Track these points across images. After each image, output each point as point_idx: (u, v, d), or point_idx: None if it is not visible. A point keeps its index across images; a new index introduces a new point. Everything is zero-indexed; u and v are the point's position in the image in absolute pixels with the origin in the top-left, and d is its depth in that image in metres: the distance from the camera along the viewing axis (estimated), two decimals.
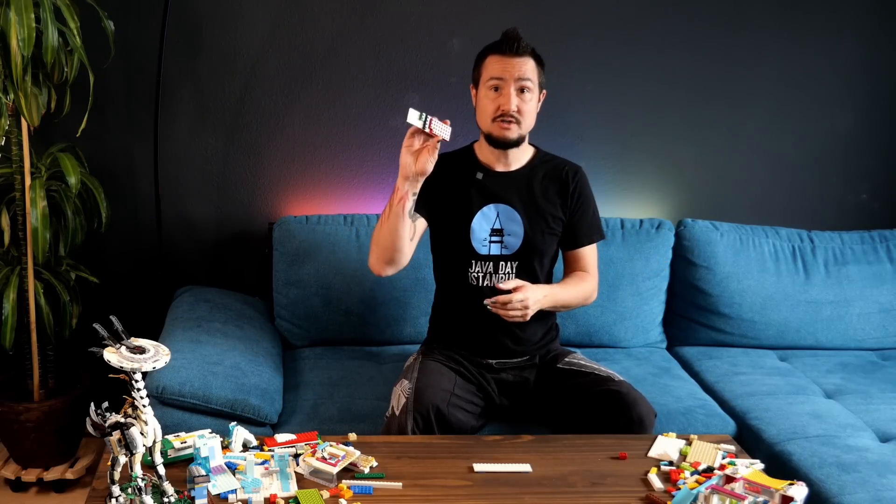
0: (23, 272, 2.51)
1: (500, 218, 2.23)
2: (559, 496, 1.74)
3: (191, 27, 2.71)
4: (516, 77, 2.12)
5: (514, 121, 2.15)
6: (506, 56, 2.13)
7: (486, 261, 2.23)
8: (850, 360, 2.80)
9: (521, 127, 2.17)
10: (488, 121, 2.17)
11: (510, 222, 2.22)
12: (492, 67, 2.15)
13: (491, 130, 2.18)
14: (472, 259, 2.23)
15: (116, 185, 2.76)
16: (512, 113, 2.13)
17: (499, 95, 2.14)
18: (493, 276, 2.23)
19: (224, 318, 2.53)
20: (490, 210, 2.22)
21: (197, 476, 1.61)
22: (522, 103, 2.14)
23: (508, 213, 2.22)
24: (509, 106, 2.12)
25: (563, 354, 2.29)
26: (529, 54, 2.15)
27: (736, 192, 3.06)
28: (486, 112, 2.17)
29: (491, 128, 2.18)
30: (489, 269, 2.23)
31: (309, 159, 2.86)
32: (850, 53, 2.98)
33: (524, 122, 2.17)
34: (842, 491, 2.00)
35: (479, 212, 2.22)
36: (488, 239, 2.22)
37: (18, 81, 2.26)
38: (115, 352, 1.48)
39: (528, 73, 2.14)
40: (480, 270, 2.23)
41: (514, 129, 2.16)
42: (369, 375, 2.48)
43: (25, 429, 2.57)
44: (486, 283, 2.23)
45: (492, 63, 2.15)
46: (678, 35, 2.88)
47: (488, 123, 2.18)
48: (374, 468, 1.78)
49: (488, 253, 2.23)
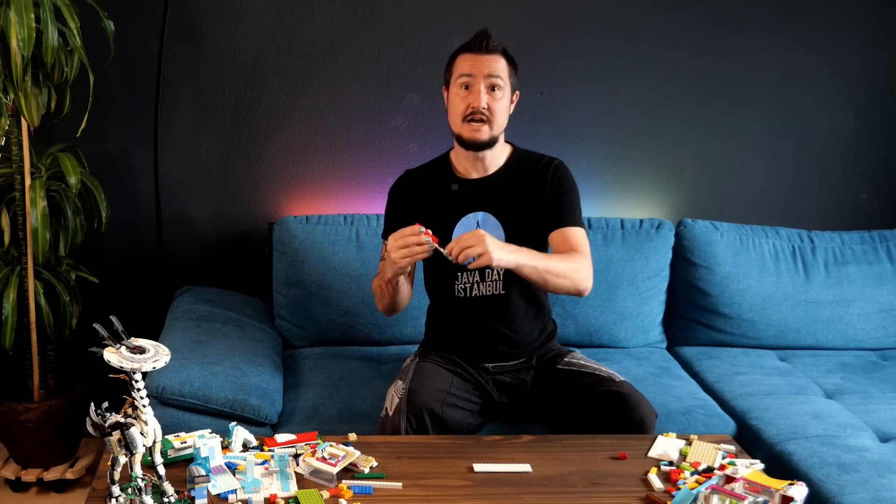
0: (23, 272, 2.51)
1: (481, 226, 2.18)
2: (559, 496, 1.74)
3: (191, 27, 2.71)
4: (486, 74, 2.10)
5: (485, 120, 2.11)
6: (476, 53, 2.11)
7: (471, 272, 2.19)
8: (850, 360, 2.79)
9: (492, 128, 2.13)
10: (459, 121, 2.14)
11: (491, 229, 2.17)
12: (462, 65, 2.13)
13: (461, 132, 2.15)
14: (458, 271, 2.19)
15: (116, 185, 2.76)
16: (482, 110, 2.10)
17: (469, 93, 2.11)
18: (479, 285, 2.20)
19: (224, 318, 2.53)
20: (469, 220, 2.19)
21: (197, 476, 1.61)
22: (493, 101, 2.11)
23: (488, 219, 2.19)
24: (479, 103, 2.09)
25: (562, 354, 2.28)
26: (500, 53, 2.13)
27: (736, 192, 3.06)
28: (456, 111, 2.14)
29: (462, 129, 2.14)
30: (475, 278, 2.20)
31: (309, 159, 2.86)
32: (850, 53, 2.98)
33: (495, 122, 2.13)
34: (842, 491, 2.00)
35: (458, 223, 2.19)
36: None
37: (18, 81, 2.26)
38: (115, 352, 1.48)
39: (499, 70, 2.11)
40: (468, 281, 2.20)
41: (485, 131, 2.12)
42: (369, 375, 2.48)
43: (25, 429, 2.57)
44: (474, 293, 2.20)
45: (462, 61, 2.13)
46: (678, 35, 2.88)
47: (459, 124, 2.14)
48: (374, 468, 1.78)
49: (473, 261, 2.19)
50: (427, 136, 2.87)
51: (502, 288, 2.19)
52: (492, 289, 2.20)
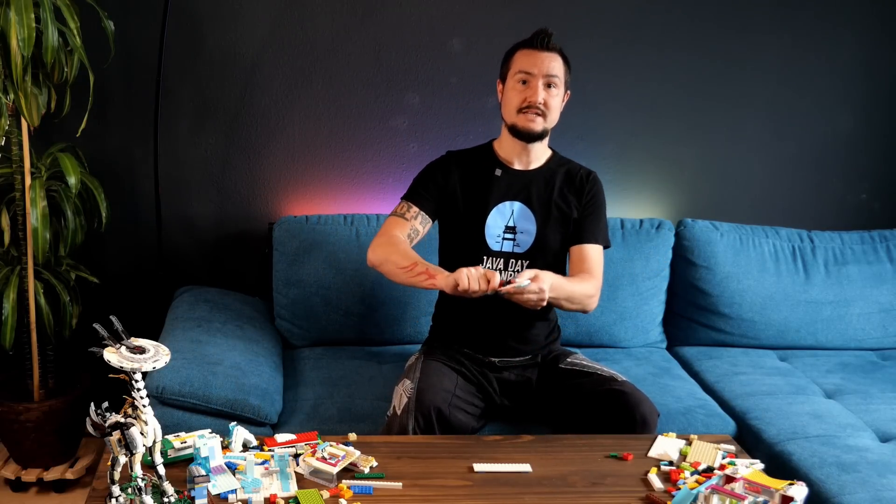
0: (23, 272, 2.51)
1: (515, 215, 2.23)
2: (559, 496, 1.74)
3: (191, 27, 2.71)
4: (545, 72, 2.15)
5: (540, 113, 2.16)
6: (535, 50, 2.16)
7: (497, 257, 2.23)
8: (850, 360, 2.80)
9: (546, 120, 2.18)
10: (514, 112, 2.18)
11: (524, 220, 2.23)
12: (521, 61, 2.17)
13: (516, 121, 2.19)
14: (484, 255, 2.24)
15: (116, 185, 2.76)
16: (538, 105, 2.15)
17: (526, 88, 2.16)
18: (502, 273, 2.23)
19: (224, 318, 2.53)
20: (505, 207, 2.23)
21: (197, 476, 1.61)
22: (549, 97, 2.16)
23: (523, 211, 2.23)
24: (536, 97, 2.14)
25: (564, 355, 2.29)
26: (558, 52, 2.18)
27: (736, 192, 3.06)
28: (512, 104, 2.18)
29: (516, 119, 2.18)
30: (499, 265, 2.24)
31: (309, 159, 2.86)
32: (850, 53, 2.98)
33: (549, 116, 2.19)
34: (842, 491, 2.00)
35: (494, 208, 2.23)
36: (502, 236, 2.22)
37: (18, 81, 2.26)
38: (115, 352, 1.48)
39: (556, 69, 2.16)
40: (491, 267, 2.23)
41: (540, 122, 2.17)
42: (369, 375, 2.48)
43: (25, 429, 2.57)
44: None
45: (521, 57, 2.18)
46: (678, 35, 2.88)
47: (513, 115, 2.19)
48: (374, 468, 1.78)
49: (500, 249, 2.23)
50: (427, 137, 2.87)
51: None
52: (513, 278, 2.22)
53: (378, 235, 2.24)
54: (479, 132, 2.85)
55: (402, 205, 2.26)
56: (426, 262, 2.11)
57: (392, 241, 2.18)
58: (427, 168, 2.31)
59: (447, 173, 2.26)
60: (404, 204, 2.26)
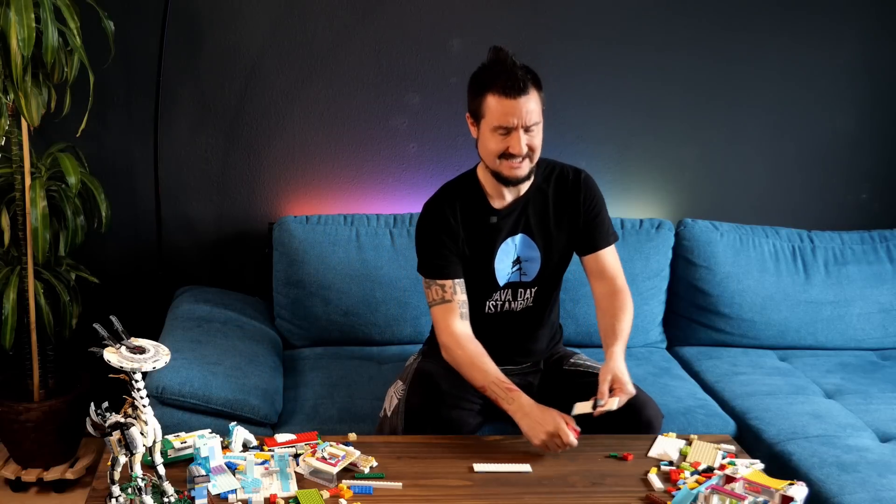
0: (23, 272, 2.51)
1: (518, 248, 2.15)
2: (559, 496, 1.74)
3: (191, 27, 2.70)
4: (525, 122, 1.95)
5: (526, 157, 2.00)
6: (510, 99, 1.94)
7: (505, 289, 2.17)
8: (850, 360, 2.79)
9: (532, 161, 2.03)
10: (494, 159, 2.01)
11: (527, 249, 2.16)
12: (496, 113, 1.95)
13: (500, 170, 2.02)
14: (494, 291, 2.16)
15: (116, 185, 2.76)
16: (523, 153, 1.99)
17: (507, 138, 1.97)
18: (511, 304, 2.17)
19: (224, 317, 2.53)
20: (508, 245, 2.15)
21: (197, 476, 1.61)
22: (532, 139, 1.98)
23: (525, 241, 2.15)
24: (520, 149, 1.97)
25: (567, 356, 2.29)
26: (532, 85, 1.96)
27: (736, 192, 3.06)
28: (492, 151, 2.00)
29: (500, 167, 2.01)
30: (507, 297, 2.17)
31: (309, 159, 2.86)
32: (850, 53, 2.98)
33: (535, 156, 2.02)
34: (842, 491, 2.00)
35: (498, 249, 2.14)
36: (509, 271, 2.16)
37: (18, 81, 2.26)
38: (115, 352, 1.48)
39: (534, 111, 1.96)
40: (499, 299, 2.17)
41: (525, 166, 2.01)
42: (369, 375, 2.48)
43: (25, 429, 2.57)
44: (503, 308, 2.18)
45: (495, 107, 1.95)
46: (678, 35, 2.88)
47: (496, 162, 2.01)
48: (374, 468, 1.78)
49: (507, 281, 2.16)
50: (427, 137, 2.86)
51: (531, 301, 2.18)
52: (521, 305, 2.18)
53: (441, 333, 2.08)
54: None
55: (434, 289, 2.09)
56: (499, 378, 2.01)
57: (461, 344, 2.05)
58: (429, 233, 2.12)
59: (452, 234, 2.11)
60: (435, 286, 2.09)
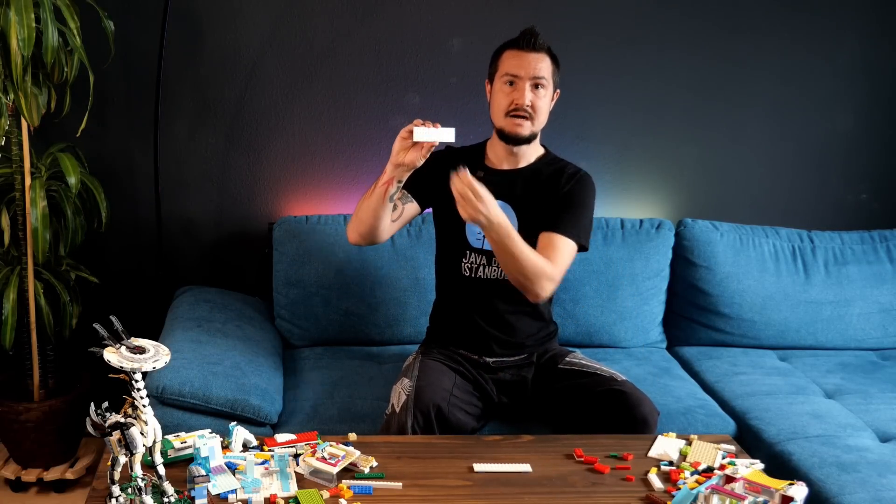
0: (23, 272, 2.51)
1: None
2: (559, 496, 1.74)
3: (191, 27, 2.71)
4: (532, 74, 2.13)
5: (527, 116, 2.16)
6: (522, 51, 2.15)
7: (479, 253, 2.25)
8: (850, 360, 2.79)
9: (533, 123, 2.18)
10: (501, 115, 2.18)
11: None
12: (508, 63, 2.16)
13: (503, 126, 2.19)
14: (466, 250, 2.25)
15: (116, 185, 2.76)
16: (525, 108, 2.14)
17: (513, 90, 2.15)
18: (485, 269, 2.24)
19: (224, 318, 2.53)
20: None
21: (197, 476, 1.61)
22: (536, 99, 2.15)
23: (504, 208, 2.20)
24: (523, 100, 2.13)
25: (563, 354, 2.29)
26: (546, 52, 2.17)
27: (736, 192, 3.06)
28: (499, 106, 2.18)
29: (504, 123, 2.18)
30: (482, 261, 2.25)
31: (309, 159, 2.86)
32: (850, 53, 2.98)
33: (537, 119, 2.18)
34: (842, 491, 2.00)
35: None
36: (482, 233, 2.21)
37: (18, 81, 2.26)
38: (115, 352, 1.48)
39: (544, 70, 2.15)
40: (474, 262, 2.25)
41: (527, 126, 2.17)
42: (369, 375, 2.48)
43: (25, 429, 2.57)
44: (478, 274, 2.25)
45: (508, 58, 2.16)
46: (678, 35, 2.88)
47: (501, 118, 2.18)
48: (374, 468, 1.78)
49: (482, 247, 2.24)
50: None
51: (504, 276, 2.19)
52: (496, 273, 2.23)
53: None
54: (478, 132, 2.84)
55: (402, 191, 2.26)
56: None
57: (356, 212, 2.22)
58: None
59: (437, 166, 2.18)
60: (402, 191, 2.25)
